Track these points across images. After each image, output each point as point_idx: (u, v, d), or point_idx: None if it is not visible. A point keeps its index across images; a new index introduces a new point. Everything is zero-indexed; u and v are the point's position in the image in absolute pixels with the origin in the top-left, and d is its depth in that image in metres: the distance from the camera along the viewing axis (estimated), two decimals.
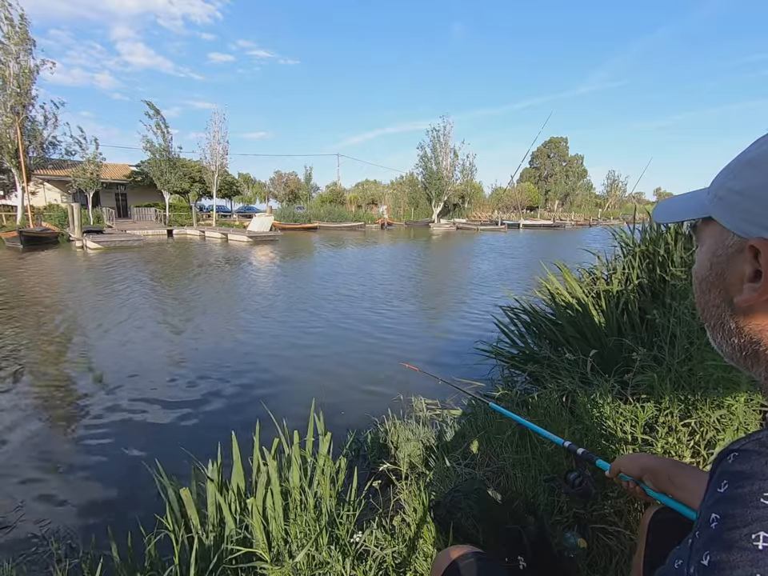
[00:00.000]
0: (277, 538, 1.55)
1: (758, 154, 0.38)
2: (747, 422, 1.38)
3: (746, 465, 0.35)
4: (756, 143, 0.40)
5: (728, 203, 0.41)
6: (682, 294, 2.05)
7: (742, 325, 0.40)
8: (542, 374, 2.45)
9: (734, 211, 0.40)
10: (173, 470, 1.89)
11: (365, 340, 6.14)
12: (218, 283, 10.81)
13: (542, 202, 57.55)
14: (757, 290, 0.37)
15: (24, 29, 21.02)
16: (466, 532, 1.31)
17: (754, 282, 0.38)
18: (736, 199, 0.40)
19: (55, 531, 2.43)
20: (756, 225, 0.37)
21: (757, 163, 0.38)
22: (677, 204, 0.50)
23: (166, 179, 29.05)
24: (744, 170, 0.39)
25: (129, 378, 4.64)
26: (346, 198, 44.90)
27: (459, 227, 38.09)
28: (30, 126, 22.19)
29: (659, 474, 0.81)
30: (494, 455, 1.92)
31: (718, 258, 0.42)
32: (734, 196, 0.40)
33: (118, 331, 6.47)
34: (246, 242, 22.39)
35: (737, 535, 0.32)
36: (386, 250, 20.09)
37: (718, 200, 0.42)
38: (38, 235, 18.80)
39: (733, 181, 0.40)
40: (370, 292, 9.67)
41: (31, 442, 3.41)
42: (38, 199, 25.33)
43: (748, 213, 0.38)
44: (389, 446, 2.70)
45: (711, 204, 0.43)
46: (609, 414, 1.59)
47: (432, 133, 40.70)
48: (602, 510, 1.41)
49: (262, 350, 5.70)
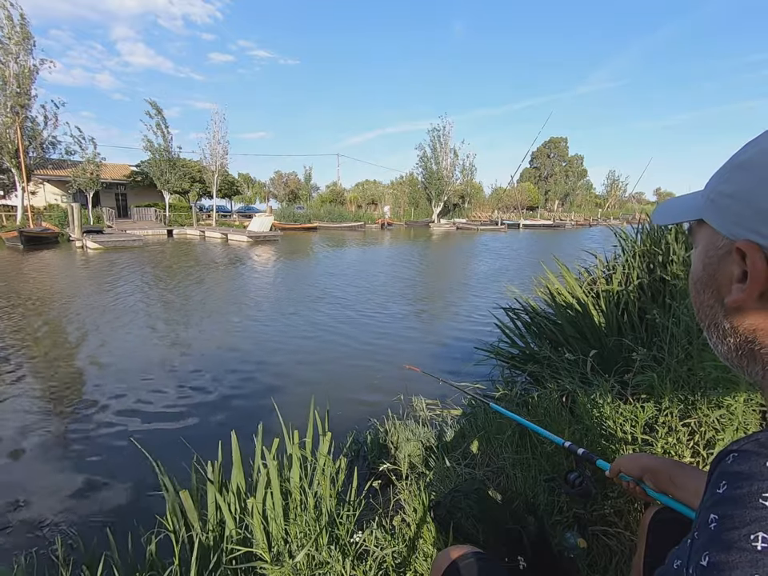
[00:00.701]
0: (277, 538, 1.55)
1: (749, 157, 0.39)
2: (747, 422, 1.38)
3: (744, 465, 0.35)
4: (748, 145, 0.40)
5: (719, 206, 0.41)
6: (682, 293, 2.05)
7: (736, 325, 0.41)
8: (542, 374, 2.45)
9: (724, 214, 0.40)
10: (173, 470, 1.89)
11: (365, 340, 6.15)
12: (218, 283, 10.81)
13: (542, 202, 57.51)
14: (744, 291, 0.38)
15: (25, 28, 21.04)
16: (465, 532, 1.31)
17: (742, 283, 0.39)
18: (726, 202, 0.40)
19: (55, 531, 2.43)
20: (744, 227, 0.38)
21: (747, 166, 0.39)
22: (675, 205, 0.51)
23: (166, 179, 29.04)
24: (735, 174, 0.40)
25: (128, 378, 4.65)
26: (346, 197, 44.90)
27: (459, 227, 38.06)
28: (30, 126, 22.20)
29: (660, 474, 0.81)
30: (494, 455, 1.92)
31: (710, 259, 0.43)
32: (725, 199, 0.40)
33: (117, 331, 6.47)
34: (246, 242, 22.38)
35: (736, 536, 0.32)
36: (386, 251, 20.09)
37: (710, 203, 0.43)
38: (39, 235, 18.81)
39: (724, 184, 0.41)
40: (371, 292, 9.67)
41: (31, 442, 3.41)
42: (38, 199, 25.32)
43: (737, 216, 0.39)
44: (389, 446, 2.70)
45: (704, 206, 0.44)
46: (609, 414, 1.59)
47: (432, 132, 40.77)
48: (602, 510, 1.41)
49: (262, 350, 5.70)
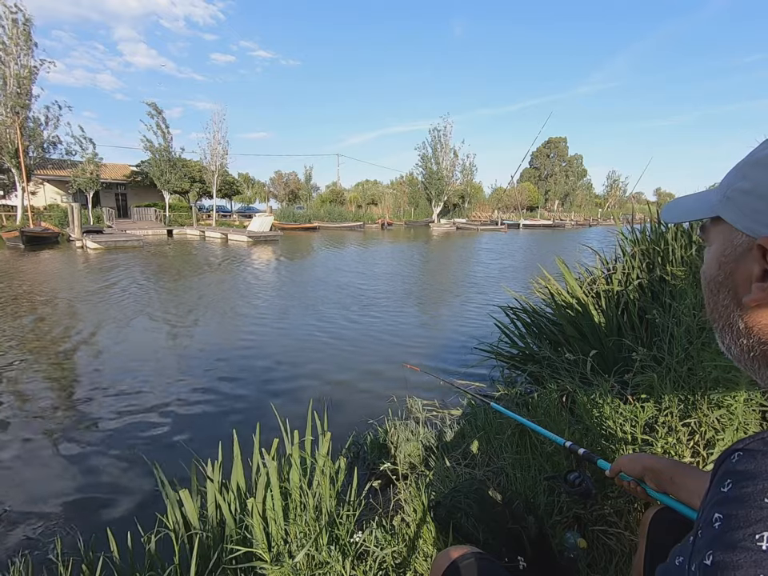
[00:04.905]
0: (277, 538, 1.55)
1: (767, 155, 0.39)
2: (747, 422, 1.38)
3: (750, 464, 0.35)
4: (765, 143, 0.40)
5: (737, 203, 0.41)
6: (682, 293, 2.05)
7: (751, 325, 0.40)
8: (541, 374, 2.45)
9: (742, 211, 0.40)
10: (173, 470, 1.89)
11: (365, 340, 6.14)
12: (218, 284, 10.81)
13: (542, 202, 57.48)
14: (765, 290, 0.37)
15: (27, 30, 21.04)
16: (465, 532, 1.31)
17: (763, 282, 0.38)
18: (745, 199, 0.40)
19: (55, 531, 2.43)
20: (764, 224, 0.37)
21: (765, 163, 0.38)
22: (685, 204, 0.51)
23: (166, 179, 29.04)
24: (753, 170, 0.40)
25: (128, 378, 4.65)
26: (346, 198, 44.88)
27: (459, 227, 38.03)
28: (31, 126, 22.19)
29: (661, 474, 0.81)
30: (493, 455, 1.92)
31: (727, 257, 0.42)
32: (743, 196, 0.40)
33: (117, 331, 6.47)
34: (246, 241, 22.37)
35: (740, 535, 0.31)
36: (386, 251, 20.08)
37: (727, 200, 0.42)
38: (39, 235, 18.83)
39: (742, 181, 0.41)
40: (370, 292, 9.67)
41: (30, 441, 3.41)
42: (38, 199, 25.32)
43: (756, 212, 0.38)
44: (389, 446, 2.70)
45: (720, 204, 0.43)
46: (609, 414, 1.59)
47: (432, 133, 40.77)
48: (602, 510, 1.41)
49: (262, 351, 5.70)
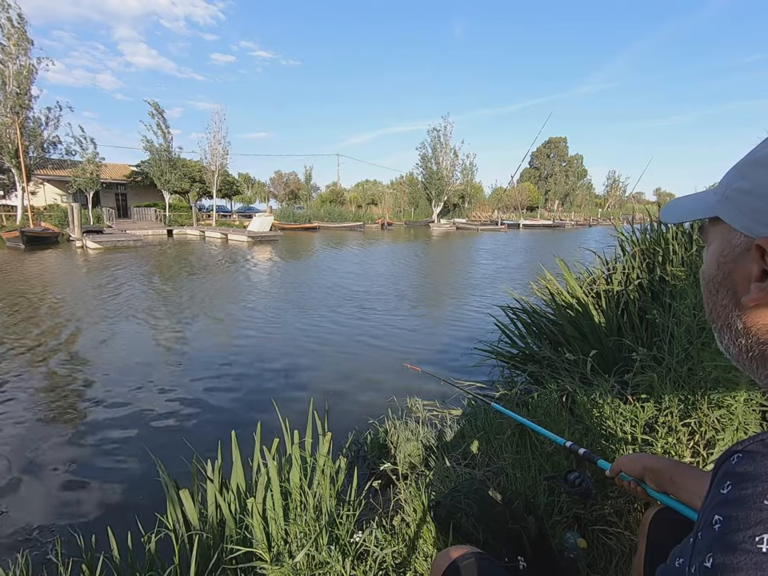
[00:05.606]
0: (277, 538, 1.55)
1: (766, 154, 0.39)
2: (747, 422, 1.38)
3: (750, 466, 0.35)
4: (764, 143, 0.40)
5: (736, 203, 0.41)
6: (682, 293, 2.05)
7: (750, 325, 0.40)
8: (542, 374, 2.45)
9: (741, 211, 0.40)
10: (173, 469, 1.89)
11: (365, 340, 6.14)
12: (218, 284, 10.80)
13: (542, 202, 57.46)
14: (763, 290, 0.37)
15: (22, 28, 21.01)
16: (465, 532, 1.31)
17: (761, 282, 0.38)
18: (744, 199, 0.40)
19: (55, 531, 2.43)
20: (763, 224, 0.37)
21: (764, 163, 0.38)
22: (684, 204, 0.51)
23: (166, 179, 29.03)
24: (752, 170, 0.40)
25: (128, 378, 4.64)
26: (346, 198, 44.87)
27: (459, 227, 38.01)
28: (31, 126, 22.18)
29: (661, 475, 0.81)
30: (493, 455, 1.92)
31: (725, 257, 0.42)
32: (742, 196, 0.40)
33: (117, 331, 6.47)
34: (246, 241, 22.37)
35: (740, 537, 0.31)
36: (387, 251, 20.08)
37: (726, 200, 0.42)
38: (40, 235, 18.82)
39: (741, 181, 0.41)
40: (371, 293, 9.66)
41: (30, 441, 3.41)
42: (38, 199, 25.31)
43: (755, 212, 0.38)
44: (389, 446, 2.70)
45: (719, 204, 0.43)
46: (609, 414, 1.59)
47: (432, 133, 40.76)
48: (602, 510, 1.41)
49: (262, 351, 5.70)
